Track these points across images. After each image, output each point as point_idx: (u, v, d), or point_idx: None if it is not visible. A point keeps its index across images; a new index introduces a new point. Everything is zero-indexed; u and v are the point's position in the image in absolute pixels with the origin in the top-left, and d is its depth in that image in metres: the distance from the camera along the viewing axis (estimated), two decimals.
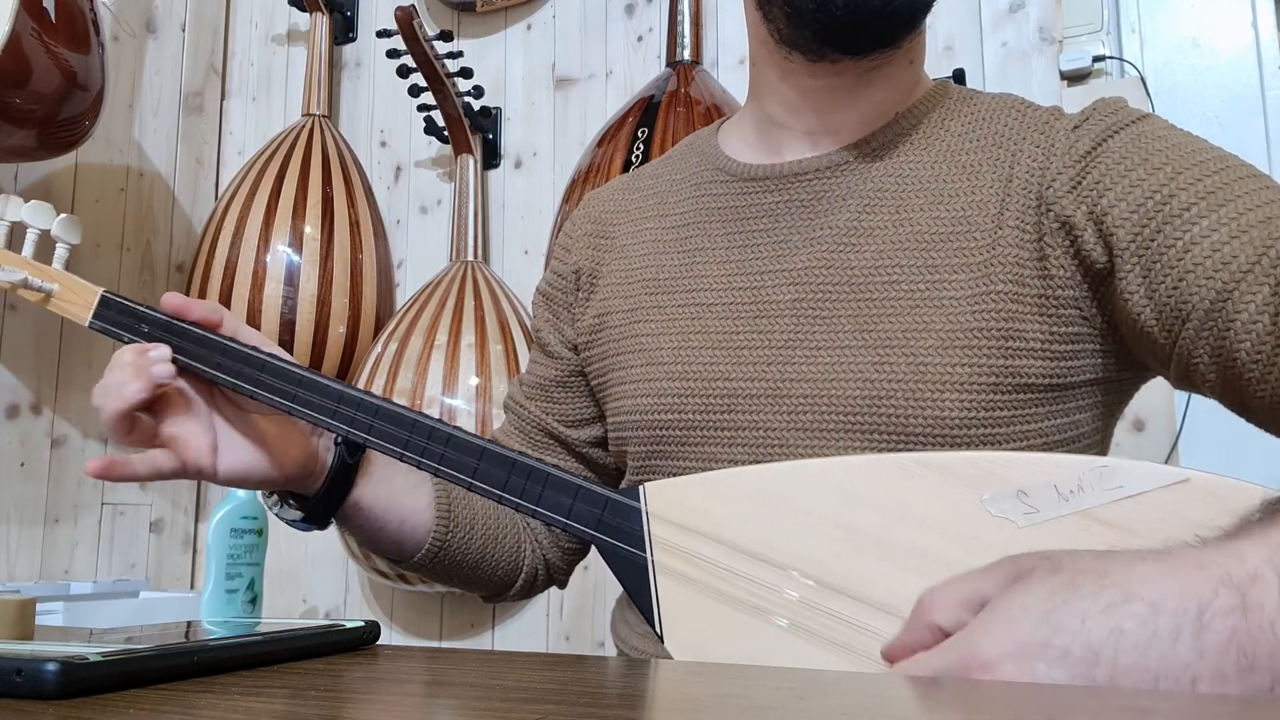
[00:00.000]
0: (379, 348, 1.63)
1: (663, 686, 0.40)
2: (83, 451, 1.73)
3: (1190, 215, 0.59)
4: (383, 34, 1.68)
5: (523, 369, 1.15)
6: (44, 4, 1.43)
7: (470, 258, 1.74)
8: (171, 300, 0.68)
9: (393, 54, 1.66)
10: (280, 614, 1.82)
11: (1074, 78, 1.46)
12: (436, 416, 0.82)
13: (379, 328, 1.78)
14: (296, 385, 0.66)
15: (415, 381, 1.57)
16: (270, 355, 0.67)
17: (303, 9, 1.94)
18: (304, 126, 1.86)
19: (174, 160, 1.95)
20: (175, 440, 0.66)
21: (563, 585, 0.89)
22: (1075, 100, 1.45)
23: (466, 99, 1.73)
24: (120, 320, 0.69)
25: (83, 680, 0.34)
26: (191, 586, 1.91)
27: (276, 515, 0.73)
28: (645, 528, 0.60)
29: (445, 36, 1.65)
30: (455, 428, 0.64)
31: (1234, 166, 0.61)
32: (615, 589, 0.84)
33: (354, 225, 1.79)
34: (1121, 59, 1.45)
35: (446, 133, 1.76)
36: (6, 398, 1.62)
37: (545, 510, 0.62)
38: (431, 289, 1.68)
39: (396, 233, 1.91)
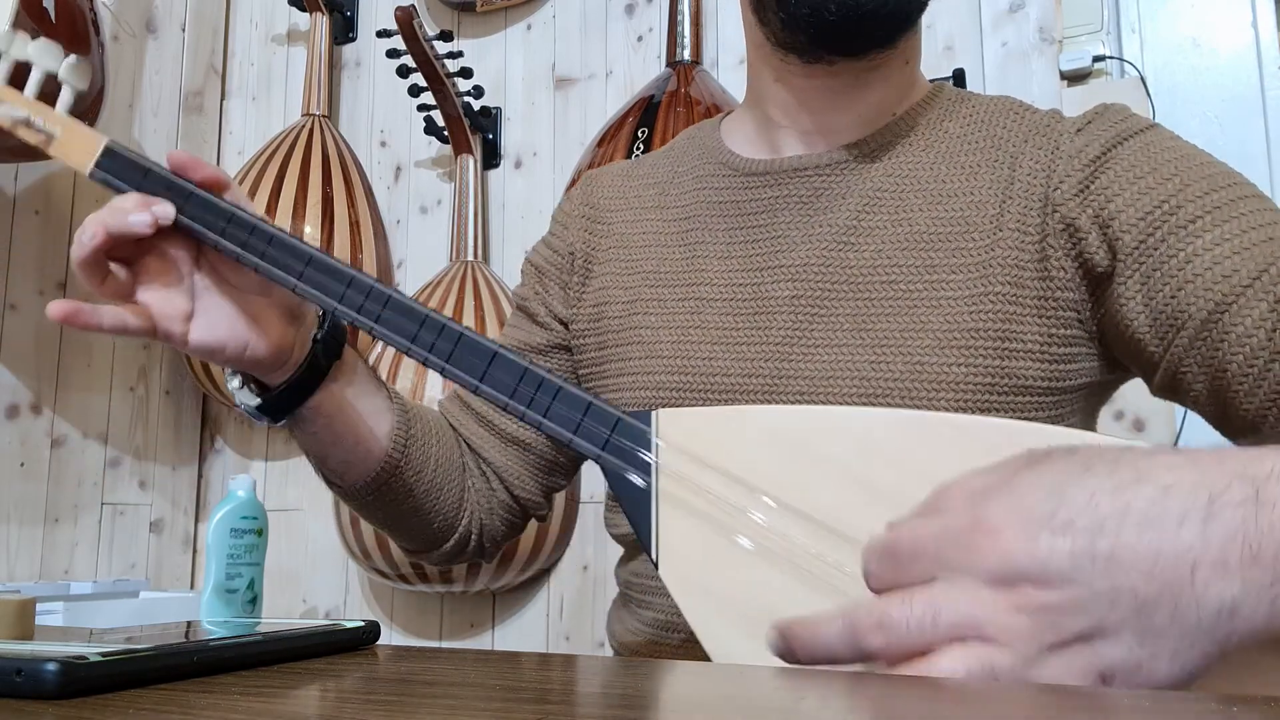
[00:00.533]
0: (379, 347, 1.64)
1: (663, 686, 0.40)
2: (83, 452, 1.73)
3: (1195, 227, 0.60)
4: (383, 34, 1.68)
5: None
6: (44, 4, 1.43)
7: (470, 258, 1.74)
8: (177, 156, 0.65)
9: (393, 54, 1.66)
10: (280, 614, 1.82)
11: (1074, 78, 1.46)
12: (433, 406, 0.82)
13: None
14: (305, 264, 0.63)
15: (415, 381, 1.57)
16: (279, 229, 0.64)
17: (303, 9, 1.93)
18: (304, 126, 1.86)
19: None
20: (150, 302, 0.64)
21: (489, 559, 0.85)
22: (1075, 100, 1.45)
23: (466, 99, 1.73)
24: (124, 174, 0.66)
25: (83, 680, 0.34)
26: (191, 586, 1.91)
27: (234, 397, 0.70)
28: (654, 454, 0.58)
29: (445, 36, 1.65)
30: (467, 328, 0.62)
31: (1241, 184, 0.62)
32: (614, 589, 0.84)
33: (354, 225, 1.79)
34: (1121, 59, 1.45)
35: (446, 133, 1.76)
36: (6, 398, 1.62)
37: (552, 423, 0.60)
38: (431, 289, 1.68)
39: (396, 233, 1.91)
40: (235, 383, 0.69)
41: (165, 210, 0.63)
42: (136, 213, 0.61)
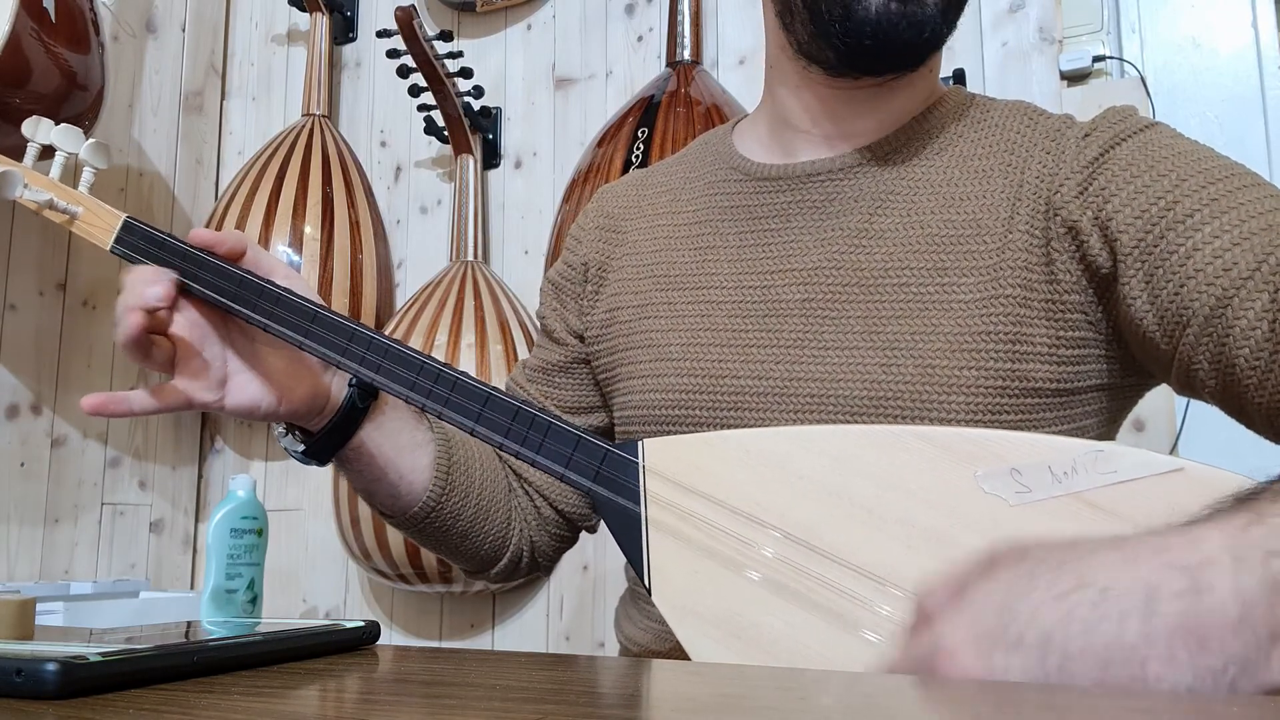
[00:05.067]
0: None
1: (663, 686, 0.40)
2: (83, 452, 1.73)
3: (1193, 222, 0.59)
4: (383, 34, 1.68)
5: None
6: (44, 4, 1.43)
7: (470, 258, 1.74)
8: (200, 235, 0.68)
9: (393, 54, 1.66)
10: (280, 614, 1.82)
11: (1074, 78, 1.46)
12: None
13: (379, 327, 1.78)
14: (310, 321, 0.66)
15: None
16: (285, 290, 0.67)
17: (303, 9, 1.93)
18: (304, 126, 1.86)
19: (174, 160, 1.95)
20: (182, 374, 0.67)
21: (547, 573, 0.89)
22: (1075, 100, 1.45)
23: (466, 99, 1.73)
24: (141, 246, 0.70)
25: (83, 680, 0.34)
26: (191, 586, 1.91)
27: (282, 445, 0.74)
28: (641, 482, 0.60)
29: (445, 36, 1.65)
30: (462, 373, 0.65)
31: (1239, 175, 0.61)
32: (615, 589, 0.84)
33: (354, 225, 1.79)
34: (1121, 59, 1.45)
35: (446, 133, 1.76)
36: (6, 398, 1.62)
37: (545, 459, 0.62)
38: (431, 289, 1.68)
39: (396, 233, 1.91)
40: (280, 430, 0.73)
41: (175, 275, 0.66)
42: (150, 287, 0.64)
